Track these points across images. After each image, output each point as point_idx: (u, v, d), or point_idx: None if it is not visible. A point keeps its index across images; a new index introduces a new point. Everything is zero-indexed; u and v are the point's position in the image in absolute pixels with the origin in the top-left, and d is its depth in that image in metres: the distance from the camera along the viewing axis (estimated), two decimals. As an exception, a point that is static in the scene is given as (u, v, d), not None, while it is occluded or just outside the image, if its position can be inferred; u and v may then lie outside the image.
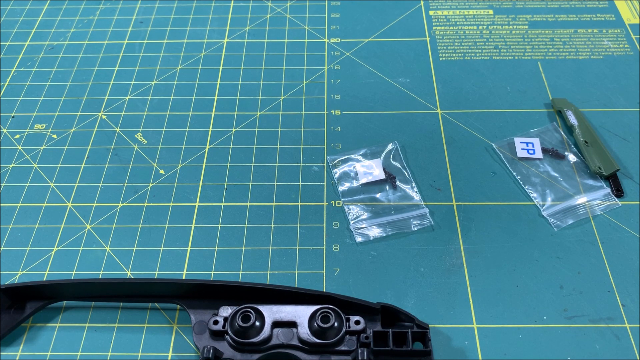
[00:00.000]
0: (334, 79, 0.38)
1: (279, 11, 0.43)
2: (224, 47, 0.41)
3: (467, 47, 0.40)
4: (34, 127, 0.36)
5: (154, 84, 0.39)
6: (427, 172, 0.33)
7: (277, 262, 0.30)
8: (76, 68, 0.40)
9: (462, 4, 0.44)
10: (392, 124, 0.36)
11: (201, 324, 0.26)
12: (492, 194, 0.32)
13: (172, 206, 0.32)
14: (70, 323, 0.28)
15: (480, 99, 0.37)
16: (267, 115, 0.37)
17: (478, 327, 0.27)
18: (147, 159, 0.34)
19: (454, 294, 0.28)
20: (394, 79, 0.38)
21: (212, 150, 0.35)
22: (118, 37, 0.42)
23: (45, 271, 0.30)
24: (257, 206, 0.32)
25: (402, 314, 0.26)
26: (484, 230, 0.31)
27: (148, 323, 0.28)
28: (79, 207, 0.32)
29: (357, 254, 0.30)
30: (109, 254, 0.30)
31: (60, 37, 0.42)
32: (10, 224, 0.32)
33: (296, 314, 0.26)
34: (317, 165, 0.34)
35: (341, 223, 0.31)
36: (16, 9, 0.45)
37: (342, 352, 0.25)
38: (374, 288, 0.29)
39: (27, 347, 0.27)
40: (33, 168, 0.34)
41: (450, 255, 0.30)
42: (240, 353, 0.25)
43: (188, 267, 0.30)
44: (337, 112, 0.37)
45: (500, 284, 0.29)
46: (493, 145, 0.34)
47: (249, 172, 0.34)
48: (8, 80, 0.39)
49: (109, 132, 0.36)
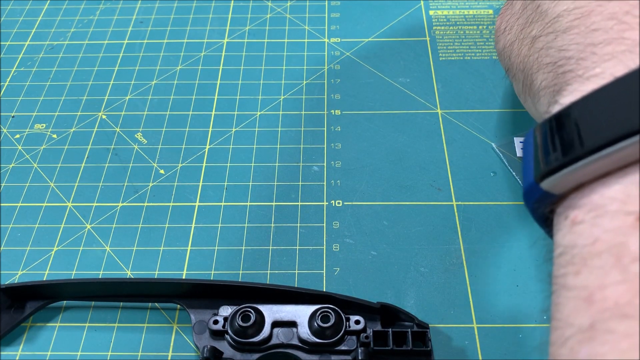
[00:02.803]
0: (334, 79, 0.38)
1: (279, 11, 0.43)
2: (224, 47, 0.41)
3: (467, 47, 0.40)
4: (34, 127, 0.36)
5: (154, 83, 0.39)
6: (427, 172, 0.33)
7: (277, 262, 0.30)
8: (76, 68, 0.40)
9: (462, 4, 0.44)
10: (392, 124, 0.36)
11: (201, 323, 0.26)
12: (492, 194, 0.32)
13: (172, 206, 0.32)
14: (70, 323, 0.28)
15: (480, 99, 0.37)
16: (267, 115, 0.37)
17: (478, 327, 0.27)
18: (147, 159, 0.34)
19: (454, 294, 0.28)
20: (394, 79, 0.38)
21: (212, 150, 0.35)
22: (118, 37, 0.42)
23: (45, 271, 0.30)
24: (257, 206, 0.32)
25: (402, 314, 0.26)
26: (484, 230, 0.31)
27: (148, 323, 0.28)
28: (79, 207, 0.32)
29: (357, 254, 0.30)
30: (109, 253, 0.30)
31: (60, 37, 0.42)
32: (10, 224, 0.32)
33: (296, 314, 0.26)
34: (317, 165, 0.34)
35: (341, 223, 0.31)
36: (16, 9, 0.45)
37: (342, 351, 0.25)
38: (374, 288, 0.29)
39: (27, 347, 0.27)
40: (33, 168, 0.34)
41: (450, 255, 0.30)
42: (240, 353, 0.25)
43: (188, 267, 0.30)
44: (337, 112, 0.37)
45: (500, 284, 0.29)
46: (493, 145, 0.34)
47: (249, 172, 0.34)
48: (8, 80, 0.39)
49: (109, 132, 0.36)
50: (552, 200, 0.19)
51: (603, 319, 0.15)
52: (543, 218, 0.20)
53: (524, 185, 0.20)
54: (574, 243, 0.17)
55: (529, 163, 0.19)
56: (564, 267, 0.17)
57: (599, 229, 0.16)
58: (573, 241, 0.17)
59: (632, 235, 0.15)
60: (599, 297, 0.15)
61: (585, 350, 0.15)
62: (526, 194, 0.20)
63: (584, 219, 0.17)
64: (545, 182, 0.18)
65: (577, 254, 0.17)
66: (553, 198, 0.19)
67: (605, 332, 0.15)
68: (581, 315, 0.16)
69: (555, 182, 0.18)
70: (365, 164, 0.34)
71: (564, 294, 0.17)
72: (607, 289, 0.15)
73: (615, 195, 0.16)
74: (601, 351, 0.15)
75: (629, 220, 0.16)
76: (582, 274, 0.16)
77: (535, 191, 0.19)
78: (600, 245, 0.16)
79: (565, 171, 0.17)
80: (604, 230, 0.16)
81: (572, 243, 0.17)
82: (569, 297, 0.16)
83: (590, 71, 0.19)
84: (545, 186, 0.18)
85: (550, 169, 0.18)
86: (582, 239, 0.17)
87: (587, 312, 0.15)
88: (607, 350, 0.14)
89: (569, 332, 0.16)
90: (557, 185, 0.18)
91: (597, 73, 0.19)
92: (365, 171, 0.33)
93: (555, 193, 0.18)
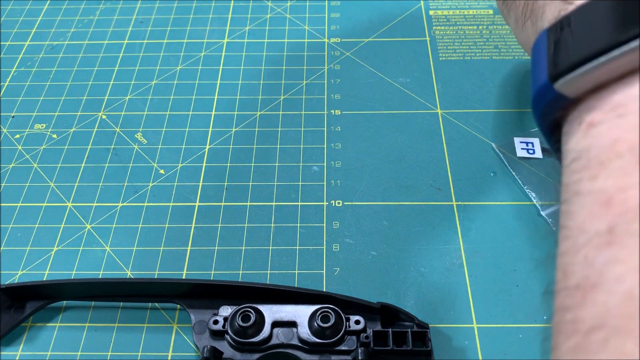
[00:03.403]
0: (334, 79, 0.38)
1: (279, 11, 0.43)
2: (224, 47, 0.41)
3: (467, 47, 0.40)
4: (34, 127, 0.36)
5: (154, 83, 0.39)
6: (427, 172, 0.33)
7: (277, 262, 0.30)
8: (76, 68, 0.40)
9: (462, 4, 0.44)
10: (392, 124, 0.36)
11: (201, 323, 0.26)
12: (492, 194, 0.32)
13: (172, 206, 0.32)
14: (70, 323, 0.28)
15: (480, 99, 0.37)
16: (267, 115, 0.37)
17: (478, 327, 0.27)
18: (147, 159, 0.34)
19: (454, 294, 0.28)
20: (394, 79, 0.38)
21: (212, 150, 0.35)
22: (118, 37, 0.42)
23: (45, 271, 0.30)
24: (257, 206, 0.32)
25: (402, 314, 0.26)
26: (484, 230, 0.31)
27: (148, 323, 0.28)
28: (79, 207, 0.32)
29: (357, 254, 0.30)
30: (109, 253, 0.30)
31: (60, 37, 0.42)
32: (10, 224, 0.32)
33: (296, 314, 0.26)
34: (317, 165, 0.34)
35: (341, 223, 0.31)
36: (16, 9, 0.45)
37: (342, 351, 0.25)
38: (374, 288, 0.29)
39: (27, 347, 0.27)
40: (33, 168, 0.34)
41: (450, 255, 0.30)
42: (240, 353, 0.25)
43: (188, 267, 0.30)
44: (337, 112, 0.37)
45: (500, 284, 0.29)
46: (493, 145, 0.34)
47: (249, 172, 0.34)
48: (8, 80, 0.39)
49: (109, 132, 0.36)
50: (565, 104, 0.17)
51: (623, 221, 0.14)
52: (552, 127, 0.19)
53: (534, 88, 0.18)
54: (590, 146, 0.16)
55: (541, 65, 0.18)
56: (578, 173, 0.16)
57: (620, 129, 0.15)
58: (589, 144, 0.16)
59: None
60: (619, 200, 0.14)
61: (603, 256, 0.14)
62: (536, 97, 0.18)
63: (603, 119, 0.16)
64: (560, 83, 0.17)
65: (593, 157, 0.16)
66: (566, 102, 0.17)
67: (626, 234, 0.14)
68: (598, 220, 0.15)
69: (572, 81, 0.16)
70: (365, 164, 0.34)
71: (577, 201, 0.16)
72: (628, 190, 0.14)
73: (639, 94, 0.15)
74: (621, 255, 0.13)
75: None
76: (599, 177, 0.15)
77: (548, 93, 0.17)
78: (621, 145, 0.15)
79: (584, 68, 0.16)
80: (627, 130, 0.15)
81: (588, 146, 0.16)
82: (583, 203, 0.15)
83: None
84: (560, 87, 0.17)
85: (567, 67, 0.16)
86: (600, 140, 0.16)
87: (605, 216, 0.14)
88: (627, 253, 0.13)
89: (583, 239, 0.15)
90: (573, 86, 0.17)
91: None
92: (365, 171, 0.33)
93: (570, 96, 0.17)
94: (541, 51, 0.18)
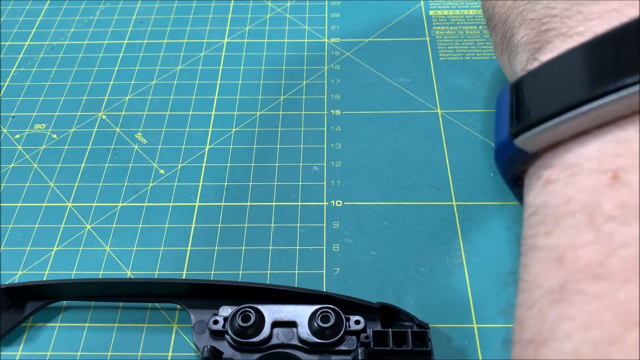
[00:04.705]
0: (334, 79, 0.38)
1: (279, 11, 0.43)
2: (224, 47, 0.41)
3: (467, 47, 0.40)
4: (34, 127, 0.36)
5: (154, 84, 0.39)
6: (427, 172, 0.33)
7: (277, 262, 0.30)
8: (76, 68, 0.40)
9: (462, 4, 0.44)
10: (392, 124, 0.36)
11: (201, 323, 0.26)
12: (492, 194, 0.32)
13: (172, 206, 0.32)
14: (70, 323, 0.28)
15: (480, 99, 0.37)
16: (267, 115, 0.37)
17: (478, 327, 0.27)
18: (147, 159, 0.34)
19: (454, 294, 0.28)
20: (394, 79, 0.38)
21: (212, 150, 0.35)
22: (118, 37, 0.42)
23: (45, 271, 0.30)
24: (257, 206, 0.32)
25: (402, 314, 0.26)
26: (484, 230, 0.31)
27: (148, 323, 0.28)
28: (79, 207, 0.32)
29: (357, 254, 0.30)
30: (109, 253, 0.30)
31: (60, 37, 0.42)
32: (10, 224, 0.32)
33: (296, 314, 0.26)
34: (317, 165, 0.34)
35: (341, 223, 0.31)
36: (16, 9, 0.45)
37: (342, 351, 0.25)
38: (374, 288, 0.29)
39: (27, 347, 0.27)
40: (33, 168, 0.34)
41: (450, 255, 0.30)
42: (240, 353, 0.25)
43: (188, 267, 0.30)
44: (337, 112, 0.37)
45: (501, 284, 0.29)
46: (493, 145, 0.34)
47: (249, 172, 0.34)
48: (8, 80, 0.39)
49: (109, 132, 0.36)
50: (525, 159, 0.18)
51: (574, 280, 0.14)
52: (514, 179, 0.20)
53: (496, 142, 0.19)
54: (546, 203, 0.16)
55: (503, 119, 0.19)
56: (535, 228, 0.17)
57: (573, 187, 0.16)
58: (545, 201, 0.17)
59: (606, 194, 0.15)
60: (570, 258, 0.15)
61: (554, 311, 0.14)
62: (498, 151, 0.19)
63: (559, 177, 0.16)
64: (520, 139, 0.18)
65: (549, 214, 0.16)
66: (526, 157, 0.18)
67: (576, 293, 0.14)
68: (551, 276, 0.15)
69: (530, 139, 0.17)
70: (365, 164, 0.34)
71: (533, 255, 0.16)
72: (579, 249, 0.15)
73: (592, 154, 0.16)
74: (570, 312, 0.14)
75: (604, 179, 0.15)
76: (553, 234, 0.16)
77: (509, 148, 0.18)
78: (573, 204, 0.15)
79: (542, 127, 0.17)
80: (578, 189, 0.16)
81: (545, 203, 0.17)
82: (539, 258, 0.16)
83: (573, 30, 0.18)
84: (520, 143, 0.18)
85: (526, 125, 0.17)
86: (555, 198, 0.16)
87: (558, 273, 0.15)
88: (576, 311, 0.14)
89: (537, 293, 0.15)
90: (531, 143, 0.17)
91: (580, 31, 0.18)
92: (365, 171, 0.33)
93: (529, 151, 0.18)
94: (504, 106, 0.19)
